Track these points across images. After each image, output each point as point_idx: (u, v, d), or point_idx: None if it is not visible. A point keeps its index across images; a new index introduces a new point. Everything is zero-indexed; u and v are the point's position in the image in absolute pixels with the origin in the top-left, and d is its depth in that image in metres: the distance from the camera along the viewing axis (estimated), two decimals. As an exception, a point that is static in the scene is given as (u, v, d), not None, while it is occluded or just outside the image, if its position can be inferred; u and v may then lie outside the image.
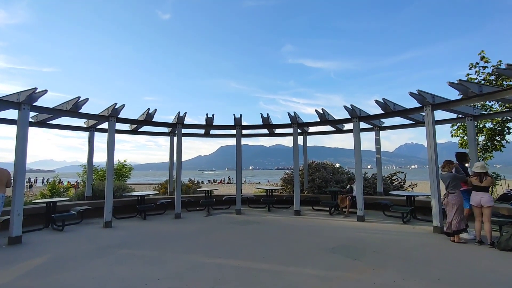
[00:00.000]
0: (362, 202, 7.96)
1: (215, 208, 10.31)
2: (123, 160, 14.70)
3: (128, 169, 15.12)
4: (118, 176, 14.07)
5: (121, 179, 14.30)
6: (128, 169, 15.03)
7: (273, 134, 11.55)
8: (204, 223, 7.87)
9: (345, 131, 10.76)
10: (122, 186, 10.56)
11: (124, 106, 7.69)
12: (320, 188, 10.87)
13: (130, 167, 15.37)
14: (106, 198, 7.60)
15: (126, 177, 14.96)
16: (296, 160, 9.13)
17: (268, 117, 9.42)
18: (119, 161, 14.99)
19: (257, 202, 10.91)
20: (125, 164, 14.73)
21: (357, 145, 8.19)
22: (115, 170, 14.13)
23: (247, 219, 8.32)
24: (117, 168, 14.11)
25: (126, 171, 14.97)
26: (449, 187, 5.61)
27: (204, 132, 11.24)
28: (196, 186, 13.20)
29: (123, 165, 14.53)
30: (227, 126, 9.60)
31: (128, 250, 5.33)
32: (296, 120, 9.11)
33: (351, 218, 8.36)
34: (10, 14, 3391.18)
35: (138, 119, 8.52)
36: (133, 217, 8.84)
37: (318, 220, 8.26)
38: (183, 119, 8.94)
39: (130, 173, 15.14)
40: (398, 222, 7.66)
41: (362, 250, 5.19)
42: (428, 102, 6.71)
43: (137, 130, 10.27)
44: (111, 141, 7.73)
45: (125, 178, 14.85)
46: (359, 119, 8.26)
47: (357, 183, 8.10)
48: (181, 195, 10.78)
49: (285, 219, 8.41)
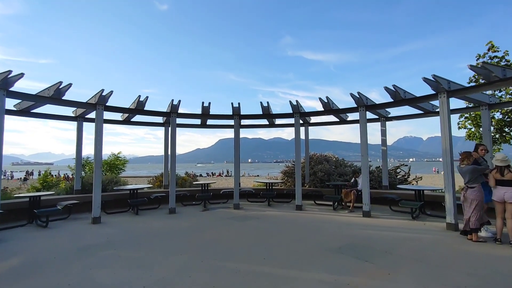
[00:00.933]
0: (368, 197, 7.47)
1: (212, 203, 9.81)
2: (117, 152, 14.15)
3: (123, 162, 14.59)
4: (112, 168, 13.54)
5: (115, 172, 13.79)
6: (122, 162, 14.50)
7: (273, 125, 10.96)
8: (200, 219, 7.37)
9: (349, 121, 10.21)
10: (114, 179, 10.03)
11: (112, 93, 7.09)
12: (323, 181, 10.37)
13: (125, 160, 14.84)
14: (94, 192, 7.07)
15: (120, 170, 14.44)
16: (298, 152, 8.59)
17: (269, 106, 8.84)
18: (113, 153, 14.45)
19: (256, 196, 10.42)
20: (119, 157, 14.19)
21: (364, 136, 7.65)
22: (109, 163, 13.60)
23: (246, 215, 7.82)
24: (111, 160, 13.57)
25: (120, 164, 14.44)
26: (469, 181, 5.09)
27: (200, 122, 10.66)
28: (192, 179, 12.69)
29: (117, 157, 13.98)
30: (225, 116, 9.03)
31: (114, 250, 4.82)
32: (298, 109, 8.54)
33: (356, 214, 7.88)
34: (5, 4, 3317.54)
35: (129, 108, 7.93)
36: (125, 212, 8.34)
37: (321, 215, 7.77)
38: (177, 108, 8.35)
39: (124, 165, 14.61)
40: (406, 218, 7.18)
41: (372, 250, 4.69)
42: (443, 89, 6.14)
43: (130, 120, 9.69)
44: (99, 130, 7.15)
45: (120, 170, 14.33)
46: (366, 108, 7.69)
47: (363, 177, 7.58)
48: (177, 189, 10.27)
49: (286, 214, 7.92)
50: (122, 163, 14.56)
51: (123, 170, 14.64)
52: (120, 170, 14.34)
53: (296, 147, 8.59)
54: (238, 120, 8.81)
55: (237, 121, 8.82)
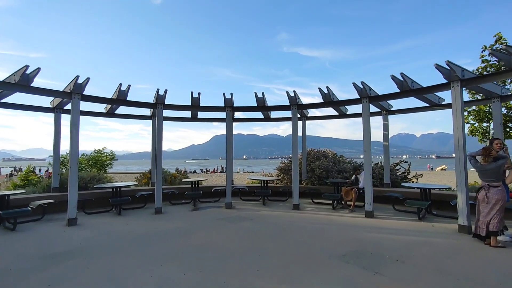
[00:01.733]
0: (371, 196, 6.91)
1: (202, 201, 9.15)
2: (102, 148, 13.37)
3: (109, 157, 13.80)
4: (96, 165, 12.77)
5: (102, 168, 13.03)
6: (109, 157, 13.71)
7: (269, 119, 10.31)
8: (188, 220, 6.71)
9: (349, 115, 9.61)
10: (96, 177, 9.28)
11: (89, 80, 6.34)
12: (321, 178, 9.79)
13: (112, 155, 14.04)
14: (70, 191, 6.36)
15: (107, 166, 13.66)
16: (295, 147, 7.97)
17: (264, 98, 8.17)
18: (98, 149, 13.68)
19: (250, 194, 9.78)
20: (105, 152, 13.41)
21: (367, 130, 7.06)
22: (94, 158, 12.82)
23: (239, 215, 7.19)
24: (94, 156, 12.79)
25: (107, 159, 13.66)
26: (492, 179, 4.52)
27: (191, 115, 9.95)
28: (183, 176, 11.99)
29: (101, 152, 13.20)
30: (216, 108, 8.33)
31: (83, 260, 4.14)
32: (296, 101, 7.89)
33: (357, 214, 7.32)
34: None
35: (110, 98, 7.18)
36: (107, 213, 7.63)
37: (321, 216, 7.18)
38: (164, 98, 7.62)
39: (111, 161, 13.82)
40: (412, 219, 6.64)
41: (381, 258, 4.11)
42: (456, 77, 5.56)
43: (113, 112, 8.95)
44: (75, 122, 6.41)
45: (106, 167, 13.56)
46: (369, 100, 7.09)
47: (366, 174, 7.01)
48: (165, 187, 9.59)
49: (282, 214, 7.31)
50: (109, 159, 13.78)
51: (110, 166, 13.85)
52: (106, 167, 13.57)
53: (294, 142, 7.97)
54: (230, 112, 8.14)
55: (230, 114, 8.14)
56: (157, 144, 7.58)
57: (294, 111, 7.93)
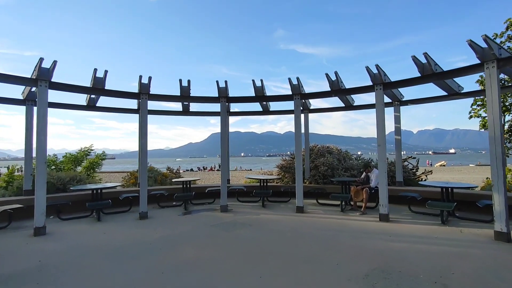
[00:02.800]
0: (386, 196, 6.04)
1: (195, 203, 8.23)
2: (89, 145, 12.37)
3: (99, 157, 12.79)
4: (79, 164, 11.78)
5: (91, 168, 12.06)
6: (98, 157, 12.70)
7: (268, 112, 9.39)
8: (175, 228, 5.79)
9: (356, 107, 8.71)
10: (76, 177, 8.33)
11: (56, 64, 5.37)
12: (325, 177, 8.90)
13: (103, 156, 13.02)
14: (36, 195, 5.43)
15: (95, 166, 12.66)
16: (299, 142, 7.06)
17: (263, 86, 7.23)
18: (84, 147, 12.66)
19: (249, 195, 8.89)
20: (91, 149, 12.39)
21: (381, 122, 6.16)
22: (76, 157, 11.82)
23: (235, 220, 6.28)
24: (79, 154, 11.79)
25: (96, 159, 12.66)
26: None
27: (182, 108, 9.01)
28: (174, 175, 11.05)
29: (88, 151, 12.20)
30: (209, 99, 7.38)
31: (34, 285, 3.22)
32: (299, 89, 6.97)
33: (369, 216, 6.45)
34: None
35: (84, 86, 6.20)
36: (85, 218, 6.70)
37: (329, 220, 6.29)
38: (148, 87, 6.66)
39: (100, 162, 12.80)
40: (434, 223, 5.78)
41: (415, 279, 3.23)
42: (492, 56, 4.66)
43: (95, 105, 7.97)
44: (42, 114, 5.45)
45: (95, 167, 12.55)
46: (383, 87, 6.19)
47: (381, 171, 6.13)
48: (153, 188, 8.68)
49: (285, 219, 6.41)
50: (99, 159, 12.79)
51: (98, 166, 12.84)
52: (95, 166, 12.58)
53: (297, 137, 7.06)
54: (225, 103, 7.19)
55: (224, 105, 7.19)
56: (141, 140, 6.63)
57: (298, 101, 7.01)
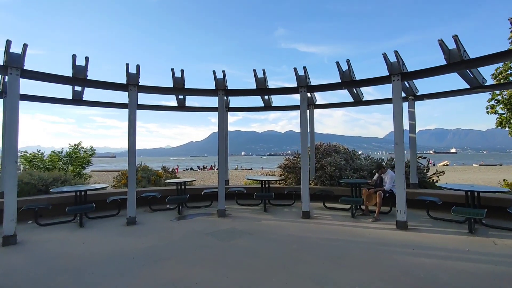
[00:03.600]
0: (404, 201, 5.33)
1: (190, 207, 7.54)
2: (78, 142, 11.70)
3: (89, 155, 12.12)
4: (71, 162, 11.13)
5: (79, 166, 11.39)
6: (88, 155, 12.03)
7: (270, 108, 8.69)
8: (165, 236, 5.08)
9: (366, 102, 8.01)
10: (61, 178, 7.64)
11: (27, 48, 4.67)
12: (333, 178, 8.19)
13: (91, 151, 12.34)
14: (5, 199, 4.72)
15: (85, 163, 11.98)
16: (305, 139, 6.35)
17: (265, 77, 6.51)
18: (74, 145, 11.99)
19: (249, 197, 8.20)
20: (81, 148, 11.72)
21: (398, 117, 5.44)
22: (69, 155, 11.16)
23: (233, 227, 5.58)
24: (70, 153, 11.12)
25: (86, 157, 11.99)
26: None
27: (177, 103, 8.31)
28: (170, 175, 10.36)
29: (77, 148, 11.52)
30: (205, 91, 6.66)
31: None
32: (306, 81, 6.25)
33: (384, 223, 5.75)
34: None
35: (62, 75, 5.49)
36: (67, 223, 6.03)
37: (339, 227, 5.58)
38: (137, 78, 5.96)
39: (89, 159, 12.12)
40: (460, 232, 5.07)
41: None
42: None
43: (81, 99, 7.28)
44: (13, 106, 4.77)
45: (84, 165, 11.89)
46: (402, 77, 5.47)
47: (398, 173, 5.42)
48: (145, 189, 8.00)
49: (290, 225, 5.70)
50: (89, 156, 12.11)
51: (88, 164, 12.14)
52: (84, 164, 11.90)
53: (302, 134, 6.34)
54: (223, 96, 6.48)
55: (222, 99, 6.48)
56: (130, 136, 5.92)
57: (304, 94, 6.29)
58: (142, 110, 8.31)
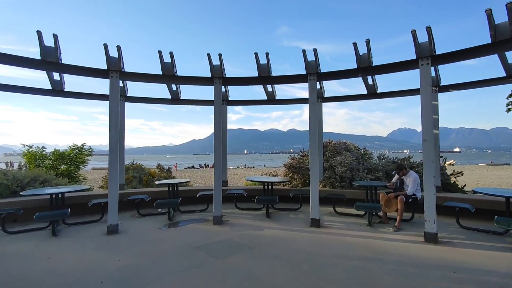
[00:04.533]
0: (434, 209, 4.45)
1: (184, 211, 6.71)
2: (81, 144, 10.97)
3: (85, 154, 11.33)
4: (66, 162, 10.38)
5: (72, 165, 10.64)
6: (84, 153, 11.24)
7: (274, 101, 7.82)
8: (148, 251, 4.25)
9: (380, 94, 7.11)
10: (39, 177, 6.85)
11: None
12: (343, 179, 7.32)
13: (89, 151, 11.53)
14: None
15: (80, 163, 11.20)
16: (314, 135, 5.46)
17: (268, 63, 5.63)
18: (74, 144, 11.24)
19: (249, 199, 7.37)
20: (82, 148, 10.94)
21: (428, 108, 4.55)
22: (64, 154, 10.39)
23: (231, 238, 4.73)
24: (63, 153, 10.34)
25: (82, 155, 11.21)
26: None
27: (171, 96, 7.47)
28: (165, 175, 9.54)
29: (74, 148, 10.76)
30: (199, 79, 5.78)
31: None
32: (316, 67, 5.36)
33: (408, 234, 4.89)
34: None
35: (29, 58, 4.64)
36: (41, 230, 5.22)
37: (356, 239, 4.71)
38: (118, 63, 5.10)
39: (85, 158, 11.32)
40: (504, 247, 4.19)
41: None
42: None
43: (63, 90, 6.46)
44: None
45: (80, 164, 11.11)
46: (432, 61, 4.57)
47: (427, 175, 4.53)
48: (135, 190, 7.20)
49: (297, 237, 4.84)
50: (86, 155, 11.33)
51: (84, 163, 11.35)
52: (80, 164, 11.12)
53: (311, 129, 5.46)
54: (219, 85, 5.61)
55: (219, 88, 5.62)
56: (110, 130, 5.08)
57: (313, 83, 5.41)
58: (131, 103, 7.51)
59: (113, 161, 5.12)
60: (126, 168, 8.88)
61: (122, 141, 7.44)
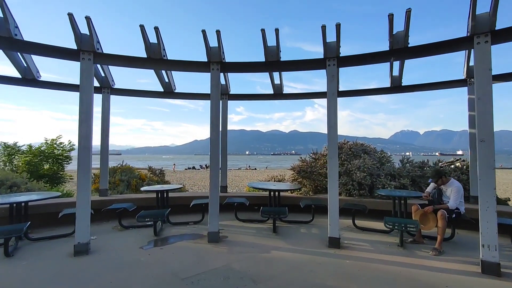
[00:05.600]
0: (496, 231, 3.39)
1: (174, 223, 5.67)
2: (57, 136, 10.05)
3: (66, 151, 10.41)
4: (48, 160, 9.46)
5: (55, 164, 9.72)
6: (64, 151, 10.32)
7: (281, 95, 6.78)
8: (119, 284, 3.21)
9: (406, 87, 6.08)
10: (8, 180, 5.87)
11: None
12: (362, 186, 6.27)
13: (71, 148, 10.61)
14: None
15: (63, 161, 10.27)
16: (333, 134, 4.41)
17: (278, 45, 4.59)
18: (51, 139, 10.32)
19: (252, 208, 6.35)
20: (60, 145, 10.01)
21: (486, 99, 3.50)
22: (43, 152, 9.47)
23: (228, 265, 3.68)
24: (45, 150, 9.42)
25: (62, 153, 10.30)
26: None
27: (163, 89, 6.47)
28: (158, 178, 8.53)
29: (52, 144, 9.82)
30: (193, 64, 4.74)
31: None
32: (337, 50, 4.32)
33: (453, 259, 3.82)
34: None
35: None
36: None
37: (389, 267, 3.64)
38: (92, 41, 4.09)
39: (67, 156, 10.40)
40: None
41: None
42: None
43: (36, 78, 5.49)
44: None
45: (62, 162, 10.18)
46: (491, 38, 3.52)
47: (484, 186, 3.47)
48: (121, 196, 6.20)
49: (314, 264, 3.78)
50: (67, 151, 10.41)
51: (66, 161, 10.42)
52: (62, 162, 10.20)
53: (330, 124, 4.41)
54: (217, 72, 4.59)
55: (216, 74, 4.59)
56: (81, 125, 4.06)
57: (332, 69, 4.36)
58: (117, 95, 6.51)
59: (84, 164, 4.09)
60: (113, 170, 7.90)
61: (106, 140, 6.48)
